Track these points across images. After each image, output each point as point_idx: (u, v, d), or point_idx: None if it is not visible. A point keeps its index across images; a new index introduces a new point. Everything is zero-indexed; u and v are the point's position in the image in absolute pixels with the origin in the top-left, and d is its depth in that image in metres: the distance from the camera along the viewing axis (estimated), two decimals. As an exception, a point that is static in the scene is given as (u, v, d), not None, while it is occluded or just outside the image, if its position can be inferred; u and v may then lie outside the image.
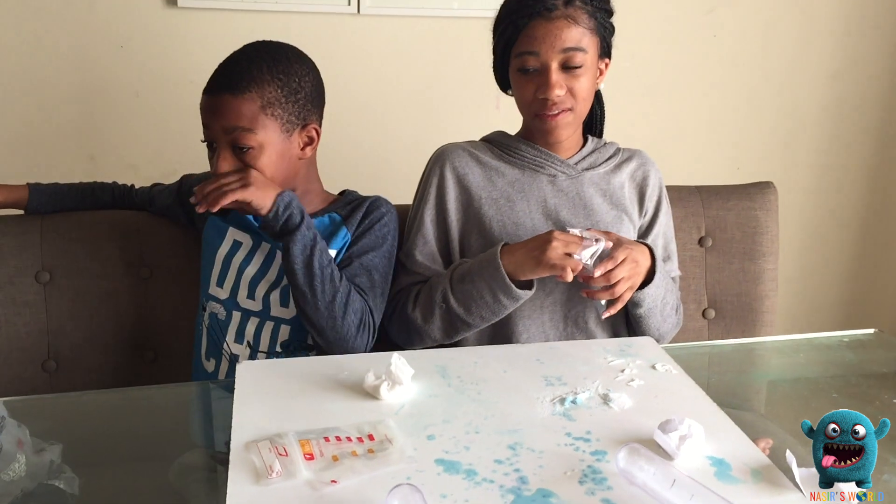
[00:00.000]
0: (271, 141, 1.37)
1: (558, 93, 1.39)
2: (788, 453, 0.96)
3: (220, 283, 1.46)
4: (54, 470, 1.02)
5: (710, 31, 2.30)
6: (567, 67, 1.39)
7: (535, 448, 1.00)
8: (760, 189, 1.79)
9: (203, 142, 1.40)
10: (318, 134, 1.46)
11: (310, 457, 0.96)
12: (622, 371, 1.20)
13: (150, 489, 1.03)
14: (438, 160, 1.53)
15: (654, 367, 1.22)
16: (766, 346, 1.55)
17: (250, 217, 1.43)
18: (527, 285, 1.37)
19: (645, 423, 1.04)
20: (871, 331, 1.43)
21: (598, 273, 1.31)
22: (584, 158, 1.53)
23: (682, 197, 1.76)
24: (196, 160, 2.06)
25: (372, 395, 1.11)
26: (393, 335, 1.50)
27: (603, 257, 1.32)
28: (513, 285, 1.34)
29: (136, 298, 1.58)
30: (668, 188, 1.62)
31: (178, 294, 1.59)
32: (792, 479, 0.94)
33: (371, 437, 1.01)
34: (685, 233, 1.75)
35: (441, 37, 2.15)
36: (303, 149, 1.43)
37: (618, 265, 1.32)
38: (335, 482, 0.92)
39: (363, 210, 1.49)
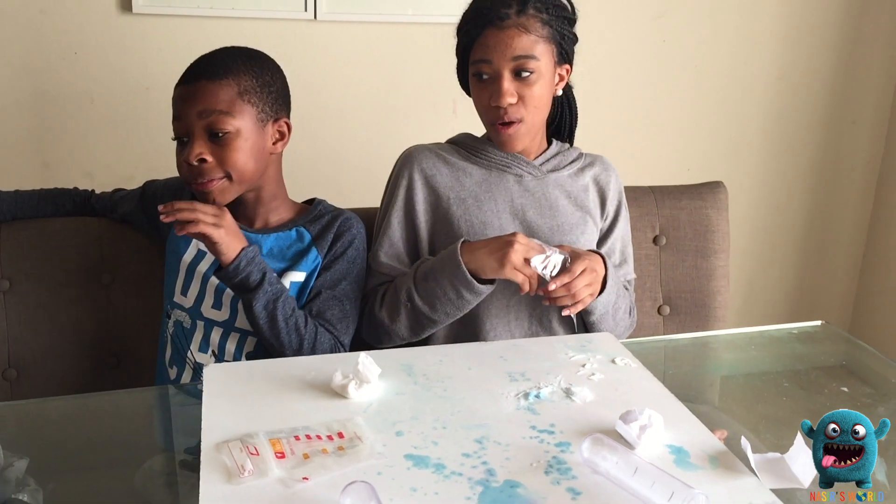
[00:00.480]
0: (247, 128, 1.38)
1: (510, 100, 1.42)
2: (743, 440, 1.00)
3: (185, 292, 1.46)
4: (19, 483, 1.01)
5: (659, 35, 2.35)
6: (519, 75, 1.42)
7: (501, 441, 1.02)
8: (711, 189, 1.84)
9: (174, 139, 1.39)
10: (290, 129, 1.48)
11: (281, 455, 0.98)
12: (583, 366, 1.24)
13: (116, 495, 1.03)
14: (406, 161, 1.54)
15: (613, 362, 1.25)
16: (719, 339, 1.60)
17: None
18: (489, 279, 1.40)
19: (606, 414, 1.08)
20: (818, 323, 1.48)
21: (553, 286, 1.35)
22: (548, 160, 1.56)
23: (637, 197, 1.80)
24: (152, 166, 2.06)
25: (340, 394, 1.13)
26: (363, 335, 1.51)
27: (558, 269, 1.36)
28: (474, 280, 1.37)
29: (97, 305, 1.57)
30: (625, 188, 1.66)
31: (140, 300, 1.58)
32: (747, 464, 0.98)
33: (341, 435, 1.03)
34: (640, 232, 1.79)
35: (397, 42, 2.17)
36: (274, 143, 1.45)
37: (576, 277, 1.36)
38: (307, 479, 0.93)
39: (334, 231, 1.49)
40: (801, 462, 0.97)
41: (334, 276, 1.47)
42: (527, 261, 1.34)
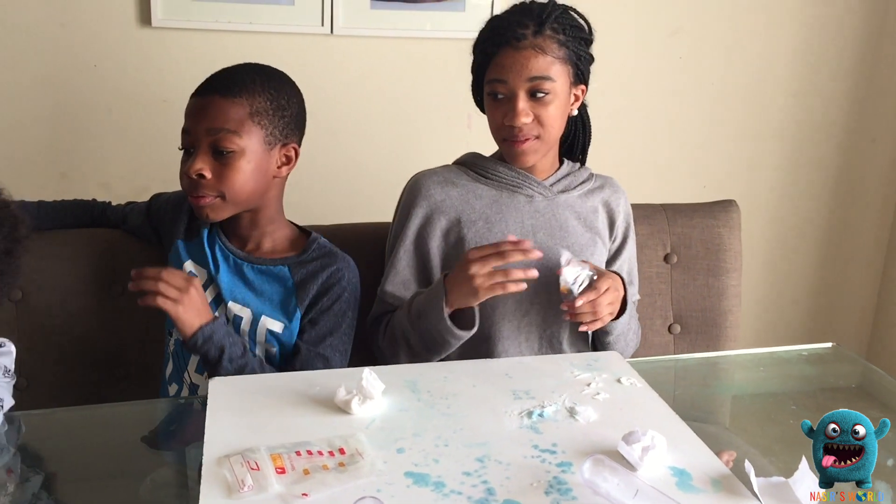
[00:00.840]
0: (252, 149, 1.38)
1: (524, 120, 1.41)
2: (747, 463, 0.99)
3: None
4: (35, 498, 1.02)
5: (675, 53, 2.35)
6: (535, 96, 1.41)
7: (502, 460, 1.02)
8: (724, 207, 1.83)
9: (181, 149, 1.40)
10: (297, 155, 1.47)
11: (281, 471, 0.98)
12: (588, 385, 1.23)
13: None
14: (413, 190, 1.53)
15: (619, 381, 1.25)
16: (728, 360, 1.59)
17: (209, 254, 1.45)
18: (470, 323, 1.39)
19: (610, 435, 1.07)
20: (829, 345, 1.47)
21: (580, 302, 1.34)
22: (559, 181, 1.55)
23: (648, 214, 1.79)
24: (168, 178, 2.07)
25: (343, 409, 1.13)
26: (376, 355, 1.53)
27: (585, 285, 1.36)
28: (454, 328, 1.36)
29: (107, 315, 1.58)
30: (634, 206, 1.66)
31: (150, 312, 1.59)
32: (751, 488, 0.97)
33: (342, 451, 1.03)
34: (651, 250, 1.78)
35: (414, 57, 2.18)
36: (279, 167, 1.44)
37: (601, 295, 1.36)
38: (306, 495, 0.94)
39: (319, 282, 1.45)
40: (805, 486, 0.96)
41: (319, 332, 1.44)
42: (497, 270, 1.32)
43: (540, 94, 1.41)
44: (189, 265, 1.46)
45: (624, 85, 2.33)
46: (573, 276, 1.35)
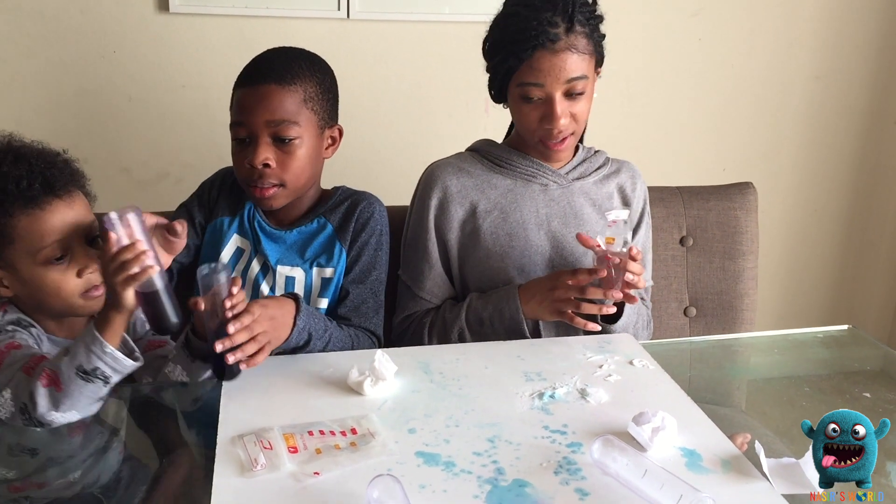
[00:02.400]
0: (310, 135, 1.40)
1: (563, 122, 1.40)
2: (757, 444, 0.99)
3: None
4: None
5: (696, 34, 2.33)
6: (570, 95, 1.39)
7: (512, 441, 1.03)
8: (740, 189, 1.82)
9: (236, 139, 1.40)
10: (341, 135, 1.50)
11: (294, 450, 1.00)
12: (600, 367, 1.24)
13: (141, 485, 1.05)
14: (429, 181, 1.53)
15: (631, 363, 1.25)
16: (743, 342, 1.58)
17: (248, 228, 1.47)
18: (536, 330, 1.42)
19: (620, 416, 1.08)
20: (845, 327, 1.46)
21: (635, 265, 1.30)
22: (574, 168, 1.53)
23: (664, 197, 1.79)
24: (188, 162, 2.10)
25: (356, 390, 1.14)
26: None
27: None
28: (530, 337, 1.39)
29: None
30: (651, 188, 1.65)
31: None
32: (761, 469, 0.97)
33: (354, 431, 1.04)
34: (667, 232, 1.78)
35: (431, 41, 2.17)
36: (327, 149, 1.47)
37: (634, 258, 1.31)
38: (318, 474, 0.95)
39: (354, 219, 1.48)
40: (815, 468, 0.96)
41: (362, 268, 1.47)
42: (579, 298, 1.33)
43: (576, 94, 1.39)
44: (236, 239, 1.48)
45: (644, 67, 2.31)
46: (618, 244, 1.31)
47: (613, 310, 1.38)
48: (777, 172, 2.51)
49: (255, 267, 1.46)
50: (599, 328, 1.35)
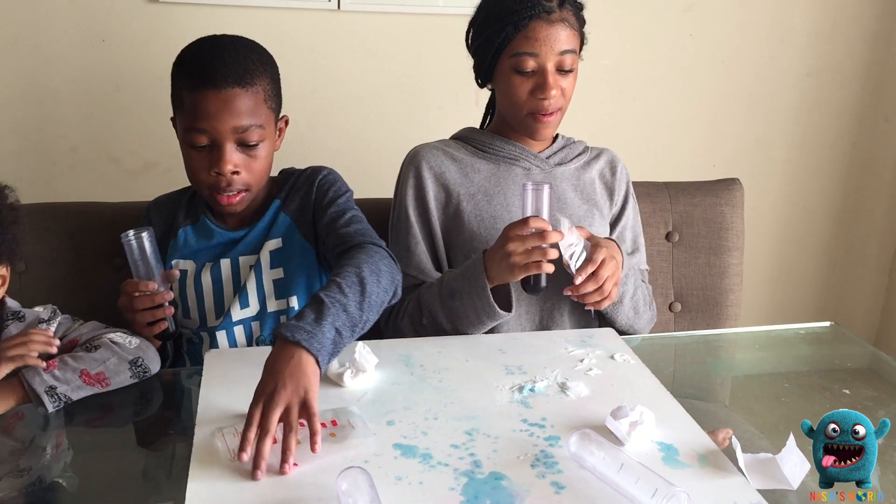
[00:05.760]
0: (269, 133, 1.37)
1: (554, 93, 1.42)
2: (734, 439, 1.00)
3: (187, 314, 1.45)
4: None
5: (687, 29, 2.33)
6: (561, 70, 1.42)
7: (490, 434, 1.03)
8: (727, 185, 1.82)
9: (193, 146, 1.33)
10: (287, 124, 1.46)
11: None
12: (581, 361, 1.24)
13: (127, 476, 1.05)
14: (413, 161, 1.54)
15: (612, 358, 1.26)
16: (725, 338, 1.58)
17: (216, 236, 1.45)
18: (507, 305, 1.37)
19: (599, 410, 1.08)
20: (828, 324, 1.47)
21: (580, 279, 1.30)
22: (555, 153, 1.56)
23: (650, 192, 1.79)
24: (176, 152, 2.07)
25: (336, 382, 1.14)
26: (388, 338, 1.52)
27: (582, 258, 1.32)
28: (497, 308, 1.33)
29: (111, 289, 1.59)
30: (637, 183, 1.65)
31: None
32: (738, 464, 0.97)
33: (334, 423, 1.04)
34: (653, 228, 1.78)
35: (422, 33, 2.17)
36: (277, 140, 1.44)
37: (599, 266, 1.31)
38: (296, 465, 0.95)
39: (305, 182, 1.45)
40: (792, 463, 0.96)
41: (337, 209, 1.41)
42: (535, 248, 1.28)
43: (565, 70, 1.43)
44: (176, 263, 1.45)
45: (635, 61, 2.31)
46: (569, 252, 1.30)
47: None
48: (767, 169, 2.51)
49: (206, 280, 1.43)
50: (552, 268, 1.29)
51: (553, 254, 1.28)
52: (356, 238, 1.33)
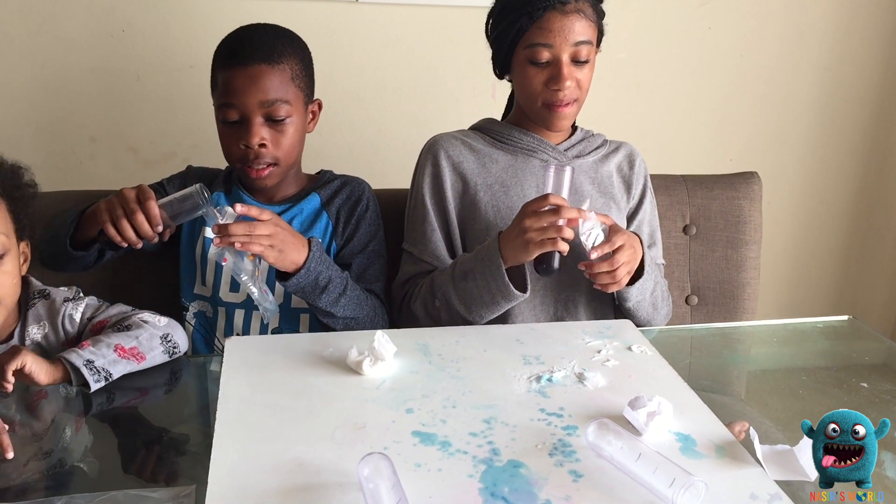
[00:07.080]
0: (298, 112, 1.43)
1: (569, 84, 1.42)
2: (752, 430, 1.00)
3: (203, 281, 1.49)
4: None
5: (705, 23, 2.32)
6: (576, 61, 1.42)
7: (508, 422, 1.04)
8: (745, 179, 1.82)
9: (225, 121, 1.41)
10: (321, 109, 1.53)
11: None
12: (599, 352, 1.24)
13: (143, 463, 1.06)
14: (431, 150, 1.55)
15: (629, 349, 1.26)
16: (742, 331, 1.58)
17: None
18: (522, 286, 1.37)
19: (617, 400, 1.08)
20: (845, 318, 1.46)
21: (595, 255, 1.30)
22: (573, 146, 1.56)
23: (668, 185, 1.79)
24: (195, 142, 2.10)
25: (355, 370, 1.15)
26: (396, 321, 1.53)
27: (600, 239, 1.32)
28: (512, 287, 1.33)
29: (129, 276, 1.61)
30: (655, 176, 1.65)
31: (155, 276, 1.61)
32: (756, 455, 0.97)
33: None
34: (670, 221, 1.78)
35: (439, 25, 2.17)
36: (309, 123, 1.50)
37: (617, 251, 1.31)
38: (315, 451, 0.96)
39: (345, 194, 1.53)
40: (809, 455, 0.96)
41: (361, 239, 1.51)
42: (552, 225, 1.28)
43: (582, 60, 1.43)
44: (205, 231, 1.49)
45: (652, 55, 2.31)
46: (587, 228, 1.30)
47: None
48: (784, 163, 2.50)
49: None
50: (566, 247, 1.29)
51: (568, 233, 1.29)
52: (363, 283, 1.48)
